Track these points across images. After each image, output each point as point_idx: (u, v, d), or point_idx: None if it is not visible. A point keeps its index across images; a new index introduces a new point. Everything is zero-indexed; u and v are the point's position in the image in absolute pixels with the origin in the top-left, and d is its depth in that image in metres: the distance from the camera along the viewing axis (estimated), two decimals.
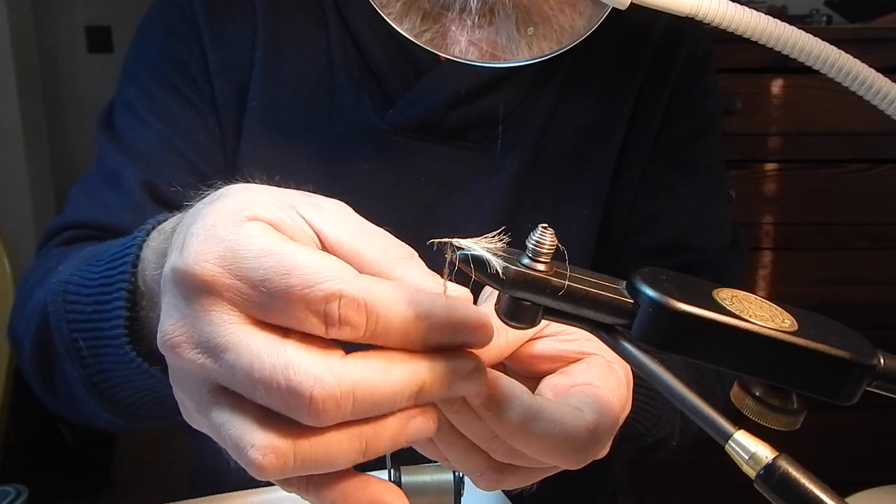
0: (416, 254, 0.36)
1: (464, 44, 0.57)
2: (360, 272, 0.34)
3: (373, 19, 0.57)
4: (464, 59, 0.57)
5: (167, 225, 0.45)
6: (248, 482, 0.58)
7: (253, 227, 0.33)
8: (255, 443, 0.31)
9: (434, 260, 0.37)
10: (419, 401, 0.33)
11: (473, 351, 0.35)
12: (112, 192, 0.71)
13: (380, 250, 0.35)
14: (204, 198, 0.37)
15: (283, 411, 0.31)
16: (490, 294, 0.43)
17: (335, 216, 0.35)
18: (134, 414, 0.56)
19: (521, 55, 0.58)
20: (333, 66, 0.72)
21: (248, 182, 0.38)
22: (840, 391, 0.32)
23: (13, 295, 1.13)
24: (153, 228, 0.47)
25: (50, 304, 0.54)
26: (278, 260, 0.31)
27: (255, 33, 0.72)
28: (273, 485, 0.42)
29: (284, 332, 0.32)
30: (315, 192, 0.51)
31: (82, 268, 0.53)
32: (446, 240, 0.34)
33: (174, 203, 0.70)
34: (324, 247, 0.35)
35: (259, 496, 0.57)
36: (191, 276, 0.32)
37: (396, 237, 0.71)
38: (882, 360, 0.32)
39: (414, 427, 0.34)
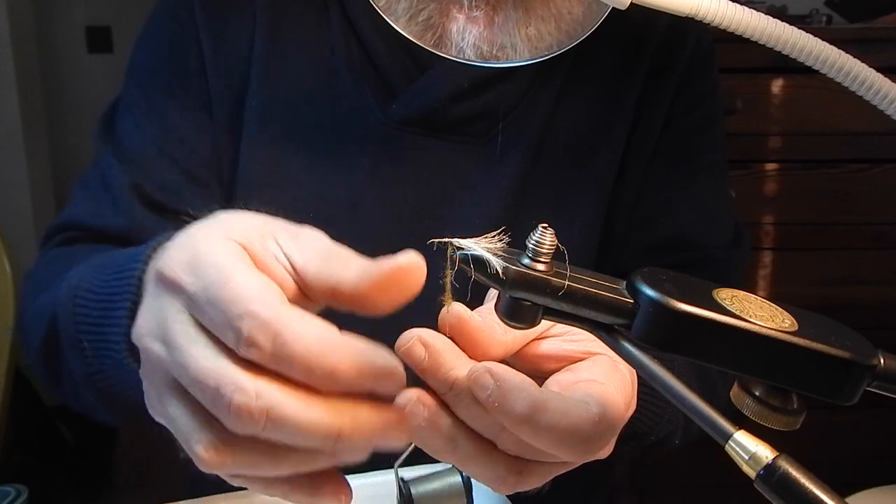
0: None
1: (463, 43, 0.57)
2: (335, 295, 0.37)
3: (375, 13, 0.58)
4: (464, 60, 0.57)
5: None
6: None
7: (222, 244, 0.36)
8: (201, 438, 0.35)
9: (435, 259, 0.37)
10: (337, 447, 0.35)
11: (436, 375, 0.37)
12: (105, 195, 0.72)
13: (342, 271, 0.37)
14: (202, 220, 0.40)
15: (211, 410, 0.35)
16: (492, 294, 0.43)
17: (306, 243, 0.38)
18: (128, 411, 0.57)
19: (521, 55, 0.58)
20: (335, 61, 0.72)
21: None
22: (840, 391, 0.32)
23: (13, 295, 1.13)
24: (160, 245, 0.49)
25: (60, 305, 0.57)
26: (223, 275, 0.35)
27: (254, 30, 0.72)
28: None
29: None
30: (318, 188, 0.62)
31: (91, 274, 0.56)
32: (447, 240, 0.34)
33: (163, 206, 0.72)
34: (295, 272, 0.37)
35: (259, 496, 0.57)
36: (162, 274, 0.37)
37: (398, 231, 0.73)
38: (882, 360, 0.32)
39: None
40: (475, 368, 0.36)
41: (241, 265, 0.35)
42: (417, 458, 0.43)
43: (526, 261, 0.33)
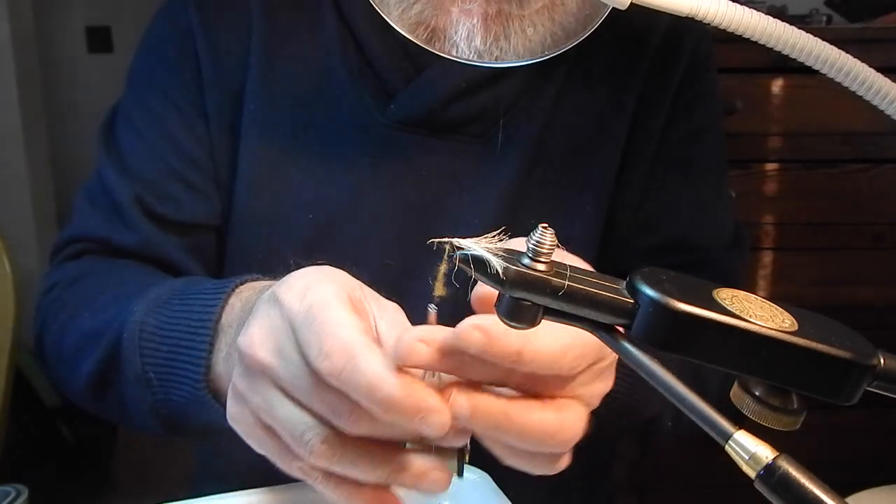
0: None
1: (457, 37, 0.57)
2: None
3: (371, 14, 0.58)
4: (456, 56, 0.57)
5: (258, 284, 0.56)
6: (247, 482, 0.58)
7: (335, 287, 0.43)
8: (318, 432, 0.41)
9: (433, 259, 0.37)
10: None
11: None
12: (111, 208, 0.73)
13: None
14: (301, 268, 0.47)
15: (329, 414, 0.40)
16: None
17: (391, 316, 0.45)
18: (186, 431, 0.61)
19: (514, 48, 0.58)
20: (332, 63, 0.72)
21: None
22: (840, 391, 0.32)
23: (13, 294, 1.13)
24: (239, 285, 0.57)
25: (125, 338, 0.60)
26: (324, 303, 0.41)
27: (250, 35, 0.72)
28: (273, 484, 0.43)
29: None
30: (316, 189, 0.70)
31: (155, 309, 0.60)
32: (447, 239, 0.35)
33: (165, 218, 0.72)
34: (376, 328, 0.44)
35: (259, 496, 0.57)
36: (277, 296, 0.43)
37: (397, 231, 0.76)
38: (882, 360, 0.32)
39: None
40: (462, 325, 0.39)
41: (343, 304, 0.41)
42: None
43: (526, 261, 0.33)
